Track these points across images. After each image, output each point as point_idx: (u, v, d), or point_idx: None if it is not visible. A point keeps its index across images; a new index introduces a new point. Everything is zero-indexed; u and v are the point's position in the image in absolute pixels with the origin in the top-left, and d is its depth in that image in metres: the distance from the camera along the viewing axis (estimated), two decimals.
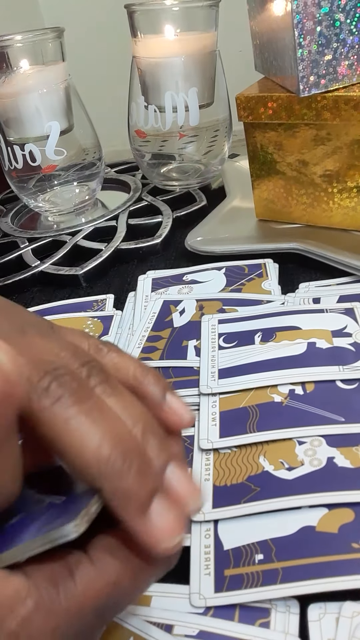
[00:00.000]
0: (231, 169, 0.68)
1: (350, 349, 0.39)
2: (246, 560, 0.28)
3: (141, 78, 0.62)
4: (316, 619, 0.26)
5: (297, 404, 0.36)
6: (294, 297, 0.46)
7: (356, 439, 0.33)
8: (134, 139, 0.66)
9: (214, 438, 0.34)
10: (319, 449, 0.32)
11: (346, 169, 0.49)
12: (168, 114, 0.60)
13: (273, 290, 0.48)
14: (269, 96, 0.48)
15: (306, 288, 0.47)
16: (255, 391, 0.37)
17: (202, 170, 0.67)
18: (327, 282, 0.48)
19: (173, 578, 0.28)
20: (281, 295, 0.47)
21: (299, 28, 0.43)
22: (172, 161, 0.68)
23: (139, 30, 0.60)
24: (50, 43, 0.59)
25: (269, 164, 0.53)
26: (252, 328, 0.43)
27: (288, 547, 0.28)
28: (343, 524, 0.29)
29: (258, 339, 0.41)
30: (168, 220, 0.60)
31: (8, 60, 0.57)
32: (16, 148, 0.59)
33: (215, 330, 0.43)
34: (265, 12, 0.48)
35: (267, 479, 0.31)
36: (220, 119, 0.65)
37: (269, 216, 0.56)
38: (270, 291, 0.47)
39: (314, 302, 0.45)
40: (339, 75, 0.45)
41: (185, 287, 0.50)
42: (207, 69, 0.61)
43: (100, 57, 0.93)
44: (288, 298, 0.46)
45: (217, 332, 0.43)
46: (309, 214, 0.54)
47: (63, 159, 0.61)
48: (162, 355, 0.42)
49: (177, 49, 0.59)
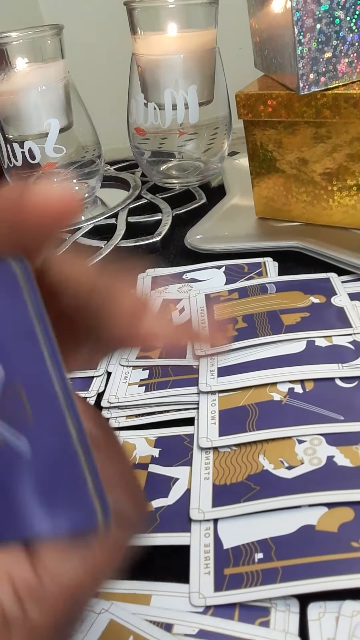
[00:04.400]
0: (231, 166, 0.68)
1: (350, 347, 0.39)
2: (246, 559, 0.28)
3: (141, 75, 0.62)
4: (316, 618, 0.26)
5: (296, 403, 0.36)
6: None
7: (356, 438, 0.33)
8: (134, 136, 0.65)
9: (214, 437, 0.34)
10: (319, 448, 0.32)
11: (346, 166, 0.49)
12: (168, 112, 0.60)
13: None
14: (269, 94, 0.48)
15: None
16: (254, 390, 0.37)
17: (202, 168, 0.67)
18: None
19: (173, 577, 0.28)
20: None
21: (299, 25, 0.42)
22: (172, 159, 0.68)
23: (139, 27, 0.59)
24: (50, 40, 0.58)
25: (269, 161, 0.53)
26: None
27: (288, 546, 0.28)
28: (343, 522, 0.29)
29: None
30: (168, 218, 0.60)
31: (7, 57, 0.57)
32: (15, 145, 0.59)
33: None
34: (265, 9, 0.48)
35: (267, 477, 0.31)
36: (220, 117, 0.65)
37: (268, 214, 0.56)
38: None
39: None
40: (339, 73, 0.45)
41: (184, 286, 0.50)
42: (207, 67, 0.61)
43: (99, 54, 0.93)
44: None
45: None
46: (309, 212, 0.54)
47: (62, 157, 0.60)
48: (162, 353, 0.42)
49: (176, 47, 0.59)
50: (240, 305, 0.45)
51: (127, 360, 0.42)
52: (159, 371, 0.41)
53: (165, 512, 0.31)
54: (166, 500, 0.32)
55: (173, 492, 0.32)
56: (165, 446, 0.35)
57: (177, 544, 0.29)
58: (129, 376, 0.41)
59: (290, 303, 0.44)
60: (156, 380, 0.40)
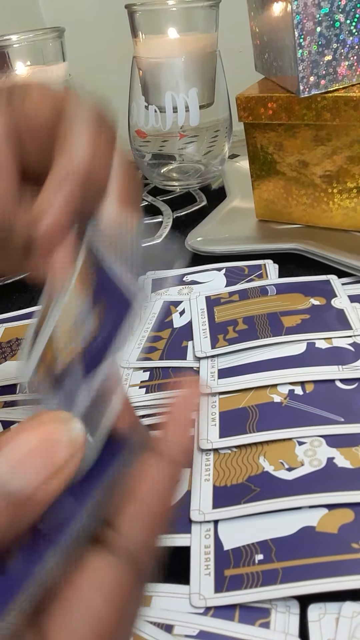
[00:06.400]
0: (231, 169, 0.68)
1: (350, 349, 0.39)
2: (246, 561, 0.28)
3: (142, 78, 0.62)
4: (316, 619, 0.26)
5: (296, 404, 0.36)
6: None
7: (356, 439, 0.33)
8: (134, 139, 0.66)
9: (214, 438, 0.34)
10: (319, 449, 0.32)
11: (346, 169, 0.49)
12: (168, 114, 0.61)
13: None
14: (269, 96, 0.48)
15: None
16: (254, 391, 0.37)
17: (203, 170, 0.67)
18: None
19: (173, 578, 0.28)
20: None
21: (299, 28, 0.43)
22: (173, 161, 0.68)
23: (140, 30, 0.60)
24: (51, 43, 0.59)
25: (269, 164, 0.53)
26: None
27: (288, 547, 0.28)
28: (343, 524, 0.29)
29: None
30: (168, 221, 0.60)
31: (9, 60, 0.57)
32: None
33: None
34: (266, 12, 0.48)
35: (267, 479, 0.31)
36: (221, 119, 0.65)
37: (269, 216, 0.56)
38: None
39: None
40: (339, 76, 0.45)
41: (185, 288, 0.50)
42: (208, 69, 0.61)
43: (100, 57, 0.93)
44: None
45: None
46: (309, 214, 0.54)
47: None
48: (162, 355, 0.42)
49: (177, 49, 0.59)
50: (240, 307, 0.45)
51: (128, 362, 0.42)
52: (160, 373, 0.41)
53: None
54: None
55: None
56: None
57: (177, 545, 0.29)
58: (129, 378, 0.41)
59: (290, 305, 0.44)
60: (157, 381, 0.40)
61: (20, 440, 0.14)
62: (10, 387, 0.43)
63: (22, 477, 0.14)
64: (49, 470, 0.14)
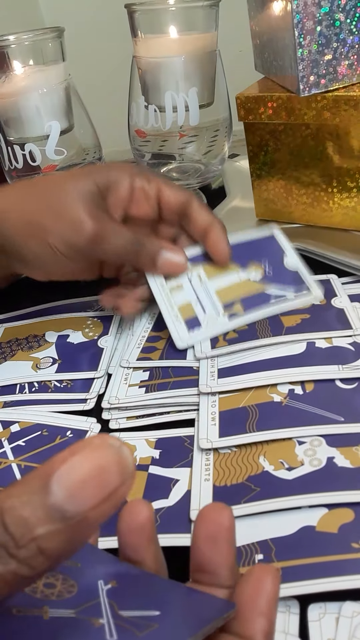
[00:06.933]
0: (231, 168, 0.68)
1: (350, 349, 0.39)
2: (246, 560, 0.28)
3: (141, 78, 0.62)
4: (316, 619, 0.26)
5: (296, 404, 0.36)
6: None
7: (356, 439, 0.33)
8: (134, 138, 0.65)
9: (214, 438, 0.34)
10: (319, 449, 0.32)
11: (346, 169, 0.49)
12: (168, 114, 0.60)
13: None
14: (269, 96, 0.48)
15: None
16: (254, 391, 0.37)
17: (202, 170, 0.67)
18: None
19: (173, 578, 0.28)
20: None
21: (299, 28, 0.43)
22: (172, 161, 0.68)
23: (140, 30, 0.60)
24: (51, 43, 0.58)
25: (269, 163, 0.53)
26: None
27: (288, 547, 0.28)
28: (343, 523, 0.29)
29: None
30: None
31: (8, 59, 0.57)
32: (16, 148, 0.59)
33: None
34: (266, 12, 0.48)
35: (267, 479, 0.31)
36: (221, 119, 0.65)
37: (269, 216, 0.56)
38: None
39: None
40: (339, 75, 0.45)
41: None
42: (208, 69, 0.61)
43: (100, 57, 0.93)
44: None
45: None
46: (309, 213, 0.54)
47: (63, 159, 0.60)
48: (162, 355, 0.42)
49: (177, 49, 0.59)
50: None
51: (128, 362, 0.42)
52: (159, 372, 0.41)
53: (165, 513, 0.31)
54: (166, 501, 0.32)
55: (173, 493, 0.32)
56: (165, 447, 0.35)
57: (177, 545, 0.29)
58: (129, 377, 0.41)
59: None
60: (156, 381, 0.40)
61: (74, 465, 0.15)
62: (11, 387, 0.43)
63: (77, 503, 0.15)
64: (102, 496, 0.15)
